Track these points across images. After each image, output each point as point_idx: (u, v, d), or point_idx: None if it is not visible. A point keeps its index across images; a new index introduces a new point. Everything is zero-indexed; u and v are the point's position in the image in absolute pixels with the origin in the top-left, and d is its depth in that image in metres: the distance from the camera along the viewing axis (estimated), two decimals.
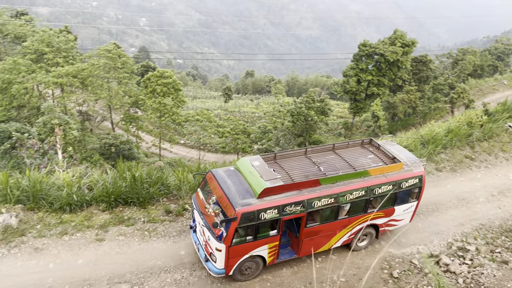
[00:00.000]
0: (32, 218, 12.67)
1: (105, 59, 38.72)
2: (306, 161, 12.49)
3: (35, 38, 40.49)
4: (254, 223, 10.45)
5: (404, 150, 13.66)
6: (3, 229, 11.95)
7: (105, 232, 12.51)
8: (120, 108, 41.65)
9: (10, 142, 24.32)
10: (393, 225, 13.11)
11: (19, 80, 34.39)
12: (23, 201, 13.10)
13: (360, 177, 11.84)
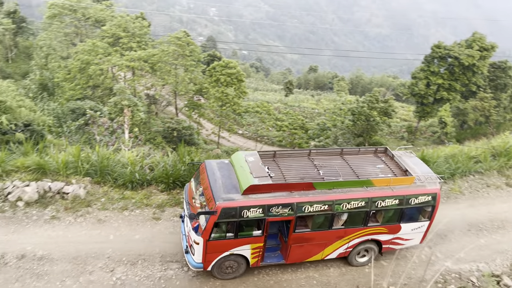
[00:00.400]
0: (98, 191, 13.60)
1: (174, 46, 40.21)
2: (307, 163, 11.72)
3: (113, 23, 43.01)
4: (236, 220, 9.96)
5: (422, 164, 12.52)
6: (72, 198, 12.96)
7: (161, 211, 13.11)
8: (185, 95, 43.15)
9: (84, 119, 26.16)
10: (399, 244, 11.96)
11: (96, 62, 36.79)
12: (91, 174, 14.08)
13: (362, 186, 10.90)
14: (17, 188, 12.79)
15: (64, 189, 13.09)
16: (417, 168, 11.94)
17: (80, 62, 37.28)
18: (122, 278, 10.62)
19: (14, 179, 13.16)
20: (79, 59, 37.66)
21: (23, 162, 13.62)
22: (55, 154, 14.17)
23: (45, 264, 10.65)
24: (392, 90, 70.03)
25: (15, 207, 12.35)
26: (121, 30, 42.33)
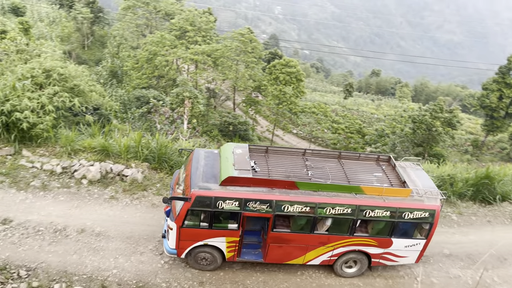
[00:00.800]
0: (154, 177, 14.25)
1: (237, 42, 40.90)
2: (298, 162, 11.28)
3: (182, 17, 44.60)
4: (210, 210, 9.84)
5: (426, 178, 11.56)
6: (130, 181, 13.69)
7: None
8: (243, 91, 43.79)
9: (147, 107, 27.42)
10: (391, 260, 11.27)
11: (163, 53, 38.38)
12: (149, 160, 14.77)
13: (351, 192, 10.32)
14: (83, 166, 13.74)
15: (124, 171, 13.86)
16: (419, 181, 11.12)
17: (148, 53, 39.09)
18: (170, 262, 11.08)
19: (81, 158, 14.15)
20: (147, 50, 39.49)
21: (90, 143, 14.61)
22: (118, 138, 15.03)
23: (102, 240, 11.37)
24: (459, 101, 66.29)
25: (80, 184, 13.28)
26: (188, 24, 43.78)
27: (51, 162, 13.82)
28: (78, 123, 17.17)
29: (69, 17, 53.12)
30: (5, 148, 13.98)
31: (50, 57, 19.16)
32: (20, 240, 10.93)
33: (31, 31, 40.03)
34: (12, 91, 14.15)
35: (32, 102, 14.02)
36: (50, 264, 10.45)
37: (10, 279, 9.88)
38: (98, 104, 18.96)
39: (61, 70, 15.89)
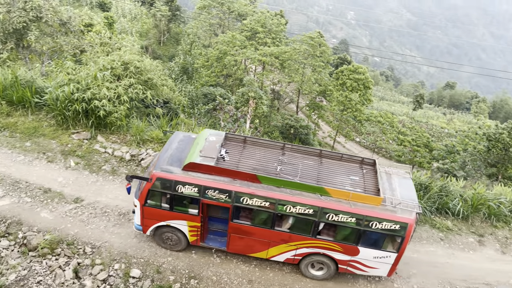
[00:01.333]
0: None
1: (306, 46, 40.73)
2: (273, 156, 11.02)
3: (254, 18, 45.34)
4: (170, 193, 10.07)
5: (410, 188, 10.63)
6: None
7: None
8: (308, 94, 43.51)
9: (213, 104, 28.23)
10: (359, 269, 10.62)
11: (232, 53, 39.27)
12: None
13: (315, 193, 9.89)
14: (149, 156, 14.49)
15: None
16: (400, 191, 10.32)
17: (219, 52, 40.22)
18: (222, 257, 11.33)
19: (148, 148, 14.94)
20: (218, 49, 40.65)
21: (158, 134, 15.37)
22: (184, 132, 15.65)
23: None
24: None
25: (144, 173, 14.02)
26: (259, 26, 44.41)
27: (122, 149, 14.74)
28: (148, 114, 18.15)
29: (149, 14, 56.20)
30: (83, 132, 15.15)
31: (129, 50, 20.42)
32: (89, 219, 11.79)
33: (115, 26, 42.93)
34: (93, 81, 15.29)
35: (109, 92, 15.04)
36: (113, 244, 11.15)
37: (76, 254, 10.68)
38: (168, 98, 19.87)
39: (138, 64, 16.86)
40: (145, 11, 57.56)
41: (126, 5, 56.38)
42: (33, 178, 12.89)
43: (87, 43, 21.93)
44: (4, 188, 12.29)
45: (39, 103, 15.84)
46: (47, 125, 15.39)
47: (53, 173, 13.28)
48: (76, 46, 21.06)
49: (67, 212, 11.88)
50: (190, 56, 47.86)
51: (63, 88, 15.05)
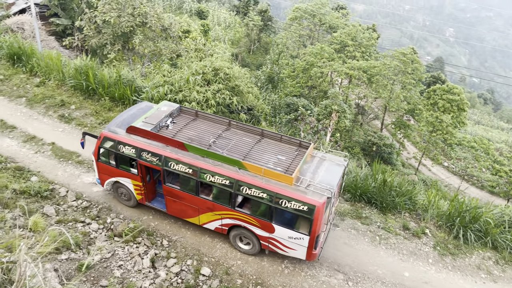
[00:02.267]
0: None
1: (397, 62, 39.16)
2: (215, 130, 11.72)
3: (344, 31, 44.77)
4: (114, 151, 11.42)
5: (334, 174, 10.62)
6: None
7: (341, 219, 13.23)
8: (395, 112, 41.68)
9: (295, 114, 28.32)
10: (280, 248, 10.82)
11: (319, 65, 39.14)
12: None
13: (234, 165, 10.40)
14: None
15: None
16: (322, 175, 10.43)
17: (305, 63, 40.34)
18: (290, 268, 11.25)
19: None
20: (305, 60, 40.79)
21: None
22: None
23: None
24: None
25: None
26: (350, 39, 43.72)
27: None
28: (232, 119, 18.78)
29: (242, 24, 58.34)
30: None
31: (220, 57, 21.40)
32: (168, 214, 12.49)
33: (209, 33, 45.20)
34: (185, 84, 16.25)
35: (199, 95, 15.87)
36: (188, 240, 11.68)
37: (154, 245, 11.37)
38: (252, 105, 20.38)
39: (227, 71, 17.57)
40: (239, 21, 59.84)
41: (222, 14, 59.13)
42: None
43: (183, 48, 23.39)
44: None
45: (137, 101, 17.21)
46: None
47: None
48: (173, 50, 22.57)
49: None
50: (277, 66, 48.64)
51: (158, 89, 16.23)
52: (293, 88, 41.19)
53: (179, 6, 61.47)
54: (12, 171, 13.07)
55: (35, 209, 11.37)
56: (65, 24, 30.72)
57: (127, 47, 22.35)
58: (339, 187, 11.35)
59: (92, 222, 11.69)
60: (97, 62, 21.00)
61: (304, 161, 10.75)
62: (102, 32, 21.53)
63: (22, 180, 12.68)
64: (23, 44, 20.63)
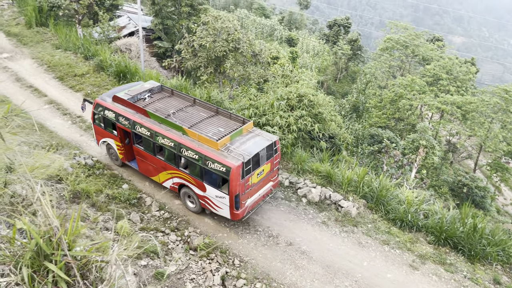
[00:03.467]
0: (368, 216, 14.09)
1: (498, 99, 36.13)
2: (180, 105, 13.79)
3: (438, 63, 42.62)
4: (102, 116, 14.11)
5: (259, 146, 12.18)
6: (344, 213, 13.98)
7: (422, 263, 12.32)
8: (492, 153, 38.18)
9: (379, 146, 27.38)
10: (212, 207, 12.49)
11: (409, 97, 37.58)
12: (367, 198, 14.72)
13: (179, 131, 12.37)
14: (306, 186, 14.87)
15: (340, 202, 14.27)
16: (248, 145, 12.06)
17: (394, 94, 38.99)
18: None
19: (306, 178, 15.36)
20: (393, 91, 39.46)
21: (318, 167, 15.68)
22: (343, 169, 15.59)
23: (304, 259, 12.01)
24: None
25: (299, 201, 14.42)
26: (444, 72, 41.47)
27: (282, 175, 15.52)
28: (312, 146, 18.72)
29: (330, 52, 58.47)
30: None
31: (306, 84, 21.60)
32: (242, 234, 12.70)
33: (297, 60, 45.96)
34: (270, 108, 16.64)
35: (282, 120, 16.12)
36: (258, 263, 11.72)
37: (226, 263, 11.58)
38: (334, 133, 20.14)
39: (312, 97, 17.66)
40: (328, 49, 60.08)
41: (311, 42, 59.92)
42: None
43: (271, 74, 24.04)
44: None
45: None
46: None
47: None
48: (261, 75, 23.31)
49: (226, 223, 13.06)
50: (363, 95, 47.68)
51: (243, 111, 16.82)
52: (378, 119, 39.95)
53: (270, 33, 63.64)
54: (107, 177, 14.35)
55: (123, 214, 12.30)
56: (166, 47, 33.45)
57: (219, 70, 23.58)
58: (274, 163, 12.97)
59: (171, 233, 12.30)
60: (190, 83, 22.46)
61: (238, 133, 12.50)
62: (198, 56, 23.02)
63: (115, 187, 13.84)
64: (129, 63, 22.83)
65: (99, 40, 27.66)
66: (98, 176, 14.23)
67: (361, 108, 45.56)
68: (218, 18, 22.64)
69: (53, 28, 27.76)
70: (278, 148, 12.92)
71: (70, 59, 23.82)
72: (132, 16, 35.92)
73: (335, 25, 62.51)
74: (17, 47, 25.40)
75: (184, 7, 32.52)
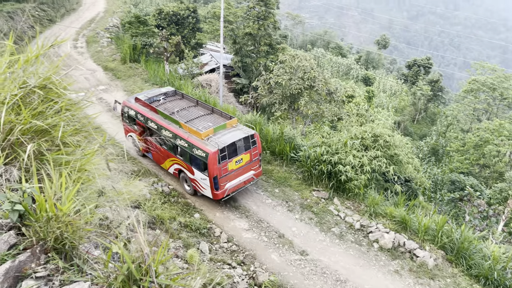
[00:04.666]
0: (447, 270, 12.97)
1: None
2: (186, 106, 16.61)
3: None
4: (127, 114, 17.03)
5: (236, 137, 14.45)
6: (419, 263, 13.01)
7: None
8: None
9: (460, 194, 25.41)
10: (199, 188, 14.80)
11: (496, 142, 34.84)
12: (446, 249, 13.60)
13: (176, 125, 15.05)
14: (379, 231, 14.17)
15: (416, 251, 13.35)
16: (227, 137, 14.38)
17: (479, 139, 36.39)
18: None
19: (379, 222, 14.66)
20: (478, 135, 36.86)
21: (392, 211, 14.92)
22: (420, 216, 14.64)
23: None
24: None
25: (370, 246, 13.74)
26: None
27: (353, 216, 15.00)
28: (386, 189, 17.93)
29: (408, 92, 56.66)
30: (323, 191, 16.27)
31: (381, 124, 21.05)
32: (308, 274, 12.33)
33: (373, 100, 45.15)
34: (342, 147, 16.40)
35: (355, 160, 15.75)
36: None
37: None
38: (410, 176, 19.19)
39: (388, 138, 17.12)
40: (406, 89, 58.32)
41: (389, 82, 58.67)
42: (273, 221, 14.60)
43: (345, 112, 23.86)
44: (251, 222, 14.40)
45: (294, 158, 18.07)
46: (295, 178, 17.31)
47: (289, 222, 14.68)
48: (335, 113, 23.22)
49: (292, 262, 12.81)
50: (443, 138, 45.07)
51: (315, 149, 16.75)
52: (460, 164, 37.34)
53: (346, 72, 63.52)
54: (181, 205, 14.94)
55: (193, 243, 12.64)
56: (244, 83, 34.88)
57: (293, 107, 23.94)
58: (253, 154, 15.04)
59: (238, 266, 12.32)
60: (264, 118, 23.00)
61: (221, 127, 14.78)
62: (273, 92, 23.66)
63: (187, 215, 14.34)
64: (208, 98, 24.09)
65: (183, 76, 29.66)
66: (172, 203, 14.87)
67: (440, 151, 42.99)
68: (295, 57, 23.22)
69: (144, 64, 30.38)
70: (257, 141, 15.07)
71: None
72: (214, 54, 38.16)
73: (415, 65, 60.79)
74: (112, 80, 28.10)
75: (263, 46, 33.90)
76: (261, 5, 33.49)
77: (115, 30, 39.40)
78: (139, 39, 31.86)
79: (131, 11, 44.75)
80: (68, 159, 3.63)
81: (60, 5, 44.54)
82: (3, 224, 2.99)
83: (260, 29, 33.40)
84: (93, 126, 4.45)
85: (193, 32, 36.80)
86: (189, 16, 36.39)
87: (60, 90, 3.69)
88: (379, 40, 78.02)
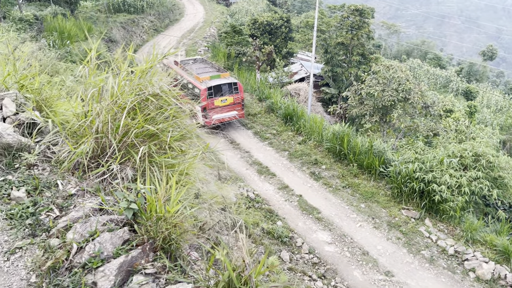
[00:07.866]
0: None
1: None
2: (205, 66, 23.11)
3: None
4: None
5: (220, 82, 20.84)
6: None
7: None
8: None
9: None
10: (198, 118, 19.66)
11: None
12: None
13: (195, 78, 20.87)
14: (476, 259, 12.93)
15: None
16: (215, 81, 20.72)
17: None
18: None
19: (476, 249, 13.39)
20: None
21: (492, 239, 13.54)
22: None
23: None
24: None
25: (465, 275, 12.60)
26: None
27: (447, 240, 13.89)
28: (487, 214, 16.31)
29: None
30: (413, 211, 15.34)
31: (484, 142, 19.25)
32: None
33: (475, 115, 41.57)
34: (438, 165, 15.31)
35: (451, 180, 14.61)
36: None
37: None
38: None
39: (491, 158, 15.64)
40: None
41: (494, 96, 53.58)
42: (357, 237, 14.11)
43: (442, 128, 22.29)
44: (334, 236, 14.09)
45: (383, 172, 17.31)
46: (383, 194, 16.57)
47: (375, 239, 14.06)
48: (431, 128, 21.81)
49: (376, 282, 12.24)
50: None
51: (407, 165, 15.87)
52: None
53: (445, 85, 59.41)
54: (264, 211, 15.16)
55: (274, 251, 12.73)
56: (333, 93, 34.40)
57: (384, 120, 22.99)
58: (235, 98, 21.15)
59: (318, 279, 12.13)
60: (353, 130, 22.41)
61: (216, 76, 21.06)
62: (364, 103, 22.97)
63: (270, 222, 14.50)
64: (296, 107, 24.19)
65: (273, 84, 30.20)
66: (256, 209, 15.16)
67: None
68: (390, 68, 22.32)
69: (236, 72, 31.57)
70: (239, 88, 21.34)
71: (246, 100, 26.57)
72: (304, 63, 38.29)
73: None
74: None
75: (355, 56, 33.16)
76: (355, 14, 32.84)
77: (212, 39, 41.56)
78: (233, 48, 33.21)
79: (228, 21, 46.88)
80: (173, 163, 3.95)
81: (165, 16, 48.39)
82: (118, 220, 3.32)
83: (353, 39, 32.73)
84: (196, 134, 4.75)
85: (285, 42, 37.32)
86: (282, 26, 36.99)
87: (170, 99, 4.05)
88: (485, 51, 71.65)
